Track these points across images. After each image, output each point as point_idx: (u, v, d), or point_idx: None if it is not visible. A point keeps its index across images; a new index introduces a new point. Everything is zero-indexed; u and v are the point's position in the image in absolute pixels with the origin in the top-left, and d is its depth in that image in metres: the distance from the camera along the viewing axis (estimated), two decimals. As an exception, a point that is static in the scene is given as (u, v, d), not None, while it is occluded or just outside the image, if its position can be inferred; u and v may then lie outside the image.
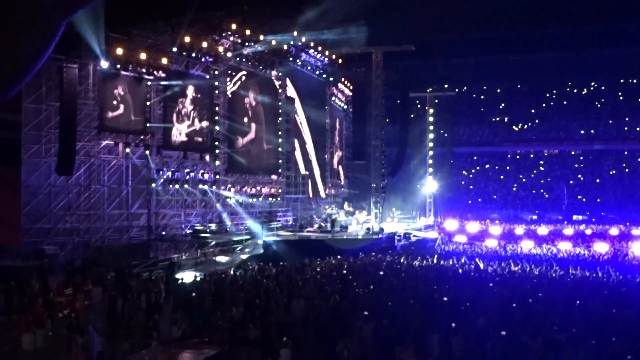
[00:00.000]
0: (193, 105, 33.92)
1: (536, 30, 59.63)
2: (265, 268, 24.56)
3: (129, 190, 31.11)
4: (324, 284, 18.70)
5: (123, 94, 30.09)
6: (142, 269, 25.30)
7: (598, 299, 15.58)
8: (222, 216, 35.50)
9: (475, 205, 62.63)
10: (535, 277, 19.87)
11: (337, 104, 50.60)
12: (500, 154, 69.92)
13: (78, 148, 27.08)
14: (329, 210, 43.04)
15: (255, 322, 14.23)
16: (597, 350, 11.17)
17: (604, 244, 34.70)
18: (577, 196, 63.63)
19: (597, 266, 23.96)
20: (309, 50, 42.37)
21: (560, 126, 69.12)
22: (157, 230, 31.91)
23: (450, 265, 23.54)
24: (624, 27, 57.15)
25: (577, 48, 58.99)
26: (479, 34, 59.39)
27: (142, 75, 30.72)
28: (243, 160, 37.22)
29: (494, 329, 12.55)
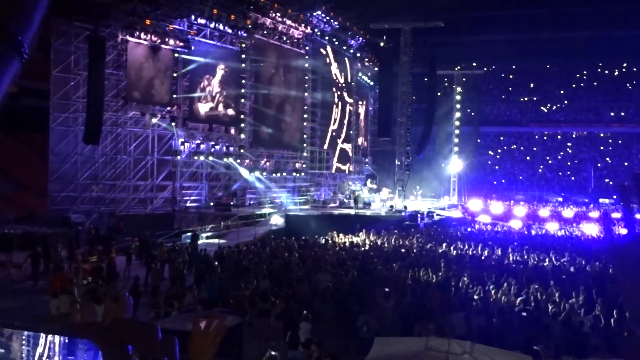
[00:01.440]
0: (221, 78, 33.98)
1: (567, 9, 58.41)
2: (287, 242, 24.68)
3: (154, 162, 31.37)
4: (346, 260, 18.74)
5: (150, 64, 30.22)
6: (165, 239, 25.55)
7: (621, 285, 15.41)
8: (246, 189, 35.66)
9: (500, 186, 62.14)
10: (559, 261, 19.68)
11: (363, 80, 50.30)
12: (527, 134, 69.07)
13: (105, 118, 27.35)
14: (353, 186, 42.99)
15: (277, 294, 14.35)
16: (618, 333, 11.11)
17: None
18: (604, 179, 62.77)
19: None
20: (336, 25, 42.05)
21: (589, 107, 67.98)
22: (181, 202, 32.18)
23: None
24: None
25: (609, 28, 57.71)
26: (509, 11, 58.35)
27: (170, 46, 30.79)
28: (268, 134, 37.24)
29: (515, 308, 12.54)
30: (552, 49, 62.13)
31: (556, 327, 11.39)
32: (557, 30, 59.69)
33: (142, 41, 29.52)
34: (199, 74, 32.72)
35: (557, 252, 21.32)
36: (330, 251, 21.63)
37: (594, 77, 69.25)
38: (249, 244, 25.17)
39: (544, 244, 24.59)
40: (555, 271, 17.57)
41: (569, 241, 27.55)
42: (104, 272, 17.83)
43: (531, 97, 69.95)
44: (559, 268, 18.25)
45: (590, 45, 61.33)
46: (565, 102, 68.84)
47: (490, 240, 26.06)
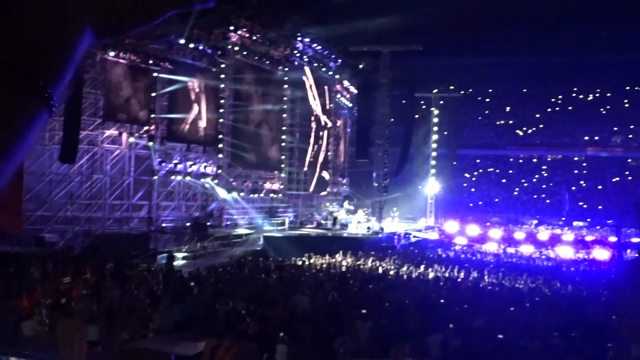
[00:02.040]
0: (198, 99, 33.93)
1: (544, 34, 59.33)
2: (264, 263, 24.58)
3: (130, 181, 31.16)
4: (323, 281, 18.72)
5: (129, 83, 30.13)
6: (141, 259, 25.30)
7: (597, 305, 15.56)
8: (223, 210, 35.52)
9: (476, 208, 62.52)
10: (535, 283, 19.85)
11: (341, 102, 50.56)
12: (503, 157, 69.73)
13: (82, 137, 27.12)
14: (330, 207, 43.02)
15: (254, 316, 14.26)
16: (595, 355, 11.17)
17: (603, 250, 34.73)
18: (578, 202, 63.49)
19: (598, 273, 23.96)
20: (316, 47, 42.31)
21: (564, 132, 68.87)
22: (158, 222, 31.95)
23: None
24: (631, 33, 56.89)
25: (584, 53, 58.66)
26: (487, 35, 59.17)
27: (149, 65, 30.74)
28: (246, 155, 37.18)
29: (492, 330, 12.57)
30: (528, 73, 62.94)
31: (532, 349, 11.43)
32: (533, 55, 60.51)
33: (121, 60, 29.44)
34: (178, 93, 32.66)
35: (532, 274, 21.51)
36: (307, 272, 21.58)
37: (569, 102, 70.22)
38: (225, 265, 25.03)
39: (518, 266, 24.82)
40: (531, 294, 17.71)
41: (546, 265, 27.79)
42: (76, 293, 17.56)
43: (507, 120, 70.69)
44: (534, 290, 18.39)
45: (565, 71, 62.25)
46: (541, 125, 69.68)
47: (467, 262, 26.21)
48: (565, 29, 55.46)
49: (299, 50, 40.95)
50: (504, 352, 11.41)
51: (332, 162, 48.18)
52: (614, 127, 67.57)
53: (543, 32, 56.11)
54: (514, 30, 54.86)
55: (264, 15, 36.04)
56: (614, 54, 57.31)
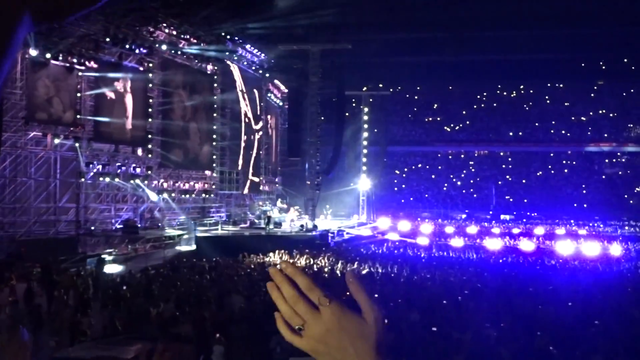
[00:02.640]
0: (126, 98, 33.21)
1: (469, 33, 60.69)
2: (198, 264, 24.29)
3: (57, 184, 30.18)
4: (258, 280, 18.63)
5: (53, 83, 29.20)
6: (70, 264, 24.57)
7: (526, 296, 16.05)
8: (154, 211, 34.91)
9: (407, 204, 63.50)
10: (465, 275, 20.31)
11: (272, 101, 50.47)
12: (432, 154, 71.06)
13: (4, 139, 26.08)
14: (263, 206, 42.87)
15: (188, 318, 14.07)
16: (524, 344, 11.50)
17: (529, 242, 35.88)
18: (504, 196, 65.34)
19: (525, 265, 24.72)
20: (245, 46, 42.08)
21: (490, 127, 70.75)
22: (86, 225, 31.11)
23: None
24: (552, 33, 58.86)
25: (507, 52, 60.35)
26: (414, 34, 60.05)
27: (73, 65, 29.87)
28: (176, 154, 36.66)
29: (426, 324, 12.78)
30: (454, 71, 64.29)
31: (465, 341, 11.67)
32: (459, 53, 61.81)
33: (45, 60, 28.48)
34: (104, 93, 31.86)
35: (462, 267, 22.01)
36: (242, 272, 21.45)
37: (493, 99, 72.23)
38: (158, 267, 24.60)
39: (449, 260, 25.37)
40: (462, 286, 18.10)
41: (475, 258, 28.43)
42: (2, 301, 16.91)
43: (435, 117, 72.13)
44: (464, 283, 18.81)
45: (490, 69, 63.90)
46: (468, 122, 71.36)
47: (400, 257, 26.58)
48: (489, 29, 56.92)
49: (228, 49, 40.64)
50: (438, 344, 11.63)
51: (264, 161, 48.02)
52: (536, 123, 69.85)
53: (468, 31, 57.41)
54: (440, 29, 55.94)
55: (192, 13, 35.58)
56: (536, 52, 59.32)
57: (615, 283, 19.72)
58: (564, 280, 19.80)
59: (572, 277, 21.14)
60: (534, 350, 11.30)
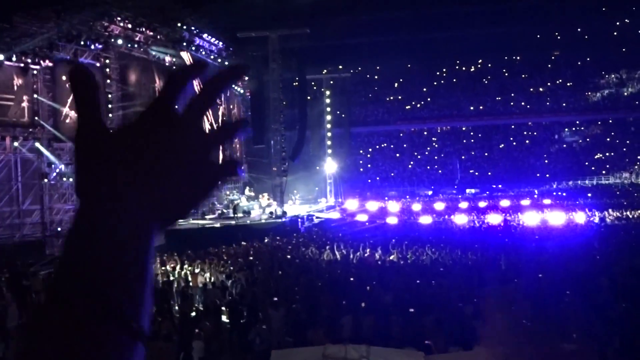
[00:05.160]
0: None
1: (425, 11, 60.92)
2: (168, 259, 24.07)
3: (19, 186, 29.60)
4: (231, 272, 18.61)
5: (7, 85, 28.54)
6: (38, 267, 24.15)
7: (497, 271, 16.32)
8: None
9: (374, 184, 63.84)
10: (436, 254, 20.54)
11: (233, 89, 50.01)
12: (395, 132, 71.46)
13: (-40, 143, 25.52)
14: (231, 195, 42.66)
15: (164, 315, 14.00)
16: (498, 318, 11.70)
17: (497, 215, 36.38)
18: (469, 170, 66.13)
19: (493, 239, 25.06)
20: (202, 35, 41.61)
21: (451, 103, 71.34)
22: (53, 227, 30.61)
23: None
24: (508, 6, 59.43)
25: (464, 28, 60.80)
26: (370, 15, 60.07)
27: (28, 65, 29.21)
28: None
29: (401, 306, 12.93)
30: (412, 49, 64.62)
31: (444, 320, 11.85)
32: (416, 31, 62.09)
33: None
34: (62, 91, 31.23)
35: (433, 245, 22.22)
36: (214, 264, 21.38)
37: (453, 75, 72.87)
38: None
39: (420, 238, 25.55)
40: (435, 264, 18.33)
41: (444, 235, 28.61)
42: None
43: (396, 96, 72.49)
44: (437, 262, 19.04)
45: (447, 45, 64.37)
46: (429, 99, 71.92)
47: (371, 239, 26.71)
48: (445, 5, 57.31)
49: (185, 39, 40.14)
50: (414, 325, 11.79)
51: (228, 149, 47.53)
52: (497, 97, 70.66)
53: (423, 9, 57.71)
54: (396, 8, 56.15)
55: (146, 4, 35.03)
56: (492, 26, 59.85)
57: (581, 252, 20.14)
58: (532, 252, 20.14)
59: (540, 248, 21.50)
60: (509, 324, 11.51)
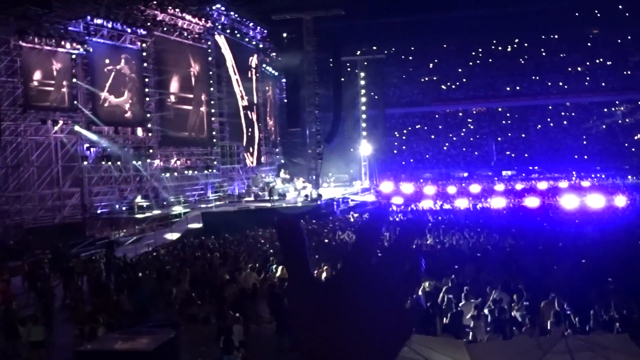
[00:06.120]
0: (122, 79, 33.02)
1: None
2: (207, 241, 24.37)
3: (59, 169, 30.17)
4: (270, 255, 18.72)
5: (48, 69, 29.00)
6: (79, 249, 24.67)
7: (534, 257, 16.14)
8: (158, 190, 34.90)
9: (408, 166, 63.54)
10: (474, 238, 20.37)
11: (267, 71, 50.12)
12: (430, 114, 70.88)
13: (3, 127, 26.06)
14: (266, 178, 42.89)
15: (204, 297, 14.17)
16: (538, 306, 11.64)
17: (534, 198, 35.88)
18: (505, 152, 65.36)
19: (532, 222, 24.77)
20: (237, 18, 41.69)
21: (486, 84, 70.40)
22: (92, 209, 31.16)
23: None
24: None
25: (500, 5, 59.74)
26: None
27: (66, 49, 29.61)
28: (177, 132, 36.53)
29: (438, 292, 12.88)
30: (447, 28, 63.76)
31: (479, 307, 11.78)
32: (450, 10, 61.27)
33: (37, 45, 28.24)
34: (100, 76, 31.66)
35: (471, 229, 22.05)
36: (252, 247, 21.57)
37: (488, 54, 71.74)
38: (167, 246, 24.73)
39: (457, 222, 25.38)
40: (472, 250, 18.19)
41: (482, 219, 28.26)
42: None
43: (431, 77, 71.76)
44: (474, 246, 18.90)
45: (483, 23, 63.31)
46: (464, 79, 71.02)
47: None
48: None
49: (220, 23, 40.29)
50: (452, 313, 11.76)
51: (264, 133, 47.81)
52: (533, 77, 69.46)
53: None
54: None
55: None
56: (529, 4, 58.66)
57: (622, 236, 19.80)
58: (572, 237, 19.88)
59: (580, 233, 21.20)
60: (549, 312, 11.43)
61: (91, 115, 31.00)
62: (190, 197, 36.59)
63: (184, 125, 37.40)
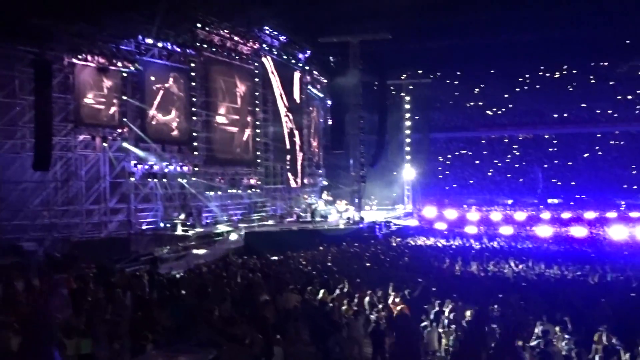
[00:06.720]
0: (170, 98, 33.59)
1: (507, 13, 59.53)
2: (248, 261, 24.40)
3: (106, 185, 30.72)
4: (312, 277, 18.62)
5: (99, 87, 29.70)
6: (124, 264, 24.94)
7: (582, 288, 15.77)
8: (202, 208, 35.25)
9: (452, 191, 62.99)
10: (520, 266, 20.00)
11: (313, 93, 50.40)
12: (475, 139, 70.29)
13: (54, 143, 26.65)
14: (309, 199, 42.94)
15: (244, 318, 14.11)
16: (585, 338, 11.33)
17: (581, 227, 35.11)
18: (551, 180, 64.29)
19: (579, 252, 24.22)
20: (284, 39, 42.14)
21: (533, 110, 69.53)
22: (137, 224, 31.61)
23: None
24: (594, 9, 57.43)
25: (548, 30, 58.99)
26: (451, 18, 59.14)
27: (117, 67, 30.30)
28: (222, 151, 36.92)
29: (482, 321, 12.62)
30: (494, 53, 63.19)
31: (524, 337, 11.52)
32: (497, 34, 60.77)
33: (89, 63, 28.97)
34: (149, 93, 32.28)
35: (516, 257, 21.65)
36: (293, 268, 21.50)
37: (536, 80, 70.89)
38: (209, 264, 24.83)
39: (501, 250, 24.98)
40: (516, 279, 17.84)
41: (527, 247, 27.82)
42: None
43: (477, 101, 71.20)
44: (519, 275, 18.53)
45: (531, 49, 62.63)
46: (510, 105, 70.29)
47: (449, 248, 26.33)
48: (528, 7, 55.79)
49: (267, 44, 40.75)
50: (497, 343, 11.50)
51: (307, 154, 47.99)
52: (582, 104, 68.36)
53: (506, 11, 56.36)
54: (478, 10, 55.10)
55: (230, 9, 35.75)
56: (578, 30, 57.80)
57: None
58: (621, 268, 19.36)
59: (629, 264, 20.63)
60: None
61: (139, 132, 31.56)
62: (233, 216, 36.85)
63: (229, 146, 37.79)
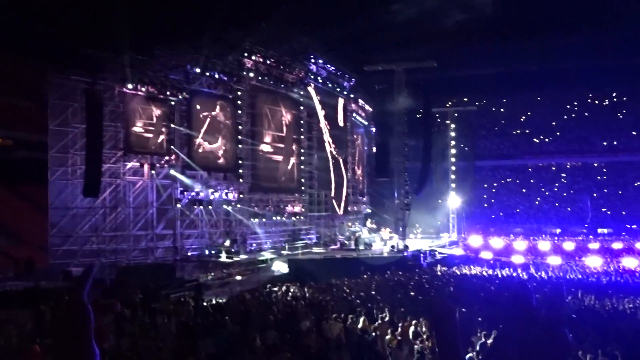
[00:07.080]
0: (216, 126, 34.12)
1: (554, 41, 58.99)
2: (292, 288, 24.39)
3: (154, 211, 31.25)
4: (356, 305, 18.52)
5: (148, 115, 30.38)
6: (169, 290, 25.22)
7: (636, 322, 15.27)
8: (246, 235, 35.51)
9: (498, 220, 62.04)
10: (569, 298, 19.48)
11: (357, 120, 50.55)
12: (522, 167, 69.25)
13: (104, 170, 27.30)
14: (352, 227, 42.84)
15: (287, 346, 14.07)
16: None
17: (633, 259, 34.11)
18: (601, 209, 62.80)
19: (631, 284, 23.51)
20: (329, 68, 42.47)
21: (581, 138, 68.35)
22: (182, 251, 31.99)
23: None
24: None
25: (597, 58, 58.22)
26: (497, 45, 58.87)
27: (166, 96, 30.97)
28: (266, 179, 37.24)
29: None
30: (541, 80, 62.61)
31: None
32: (545, 61, 60.18)
33: (139, 92, 29.70)
34: (196, 121, 32.85)
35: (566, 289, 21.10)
36: (337, 297, 21.41)
37: (584, 108, 69.79)
38: (253, 291, 24.90)
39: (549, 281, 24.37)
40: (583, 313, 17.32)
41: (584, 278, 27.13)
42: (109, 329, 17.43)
43: (523, 129, 70.31)
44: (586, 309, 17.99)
45: (579, 76, 61.81)
46: (558, 133, 69.22)
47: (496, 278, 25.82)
48: (576, 34, 55.17)
49: (312, 72, 41.14)
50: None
51: (352, 181, 48.02)
52: (632, 131, 66.95)
53: (553, 38, 55.84)
54: (524, 38, 54.70)
55: (276, 39, 36.30)
56: (628, 57, 56.89)
57: None
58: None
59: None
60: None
61: (186, 159, 32.09)
62: (277, 243, 37.00)
63: (274, 174, 38.12)
